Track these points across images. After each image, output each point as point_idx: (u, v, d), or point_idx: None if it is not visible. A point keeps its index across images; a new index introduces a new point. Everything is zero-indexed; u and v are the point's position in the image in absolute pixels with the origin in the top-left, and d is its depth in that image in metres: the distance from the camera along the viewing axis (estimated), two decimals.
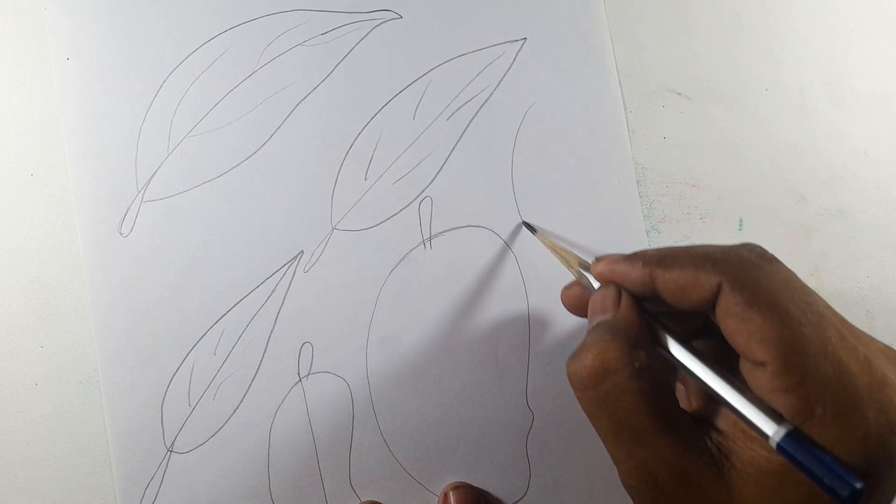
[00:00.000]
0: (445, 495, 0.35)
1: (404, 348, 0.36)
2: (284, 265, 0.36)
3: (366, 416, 0.36)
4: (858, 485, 0.22)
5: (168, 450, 0.35)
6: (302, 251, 0.36)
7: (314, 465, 0.35)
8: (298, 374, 0.36)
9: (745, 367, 0.25)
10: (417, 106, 0.37)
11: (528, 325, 0.36)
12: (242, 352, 0.35)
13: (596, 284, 0.30)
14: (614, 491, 0.36)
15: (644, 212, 0.38)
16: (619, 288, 0.28)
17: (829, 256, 0.38)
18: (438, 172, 0.37)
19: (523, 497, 0.36)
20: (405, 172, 0.37)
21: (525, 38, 0.38)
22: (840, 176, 0.39)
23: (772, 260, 0.25)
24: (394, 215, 0.37)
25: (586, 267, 0.31)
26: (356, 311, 0.36)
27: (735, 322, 0.24)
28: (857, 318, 0.38)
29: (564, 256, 0.33)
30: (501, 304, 0.36)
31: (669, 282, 0.26)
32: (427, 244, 0.37)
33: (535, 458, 0.36)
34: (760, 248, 0.26)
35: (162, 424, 0.35)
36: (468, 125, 0.37)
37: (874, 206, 0.39)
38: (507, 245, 0.37)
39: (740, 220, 0.38)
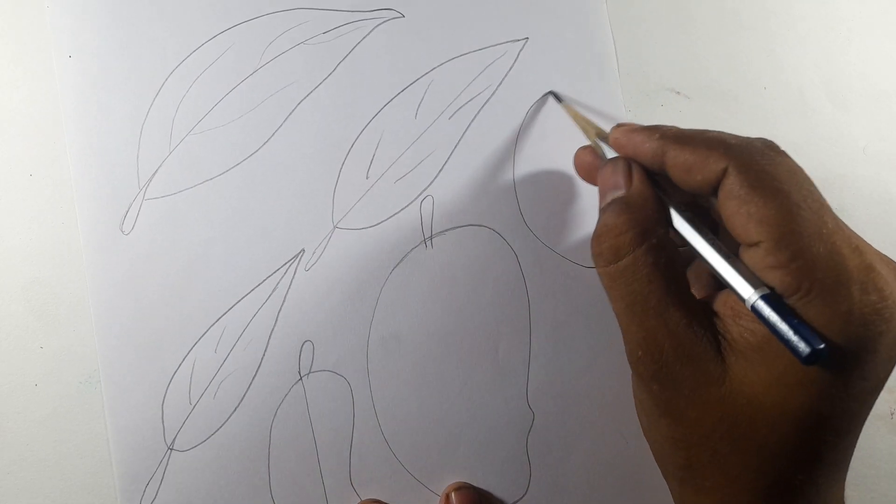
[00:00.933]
0: (447, 496, 0.35)
1: (405, 347, 0.36)
2: (285, 264, 0.36)
3: (366, 414, 0.36)
4: (820, 346, 0.23)
5: (168, 448, 0.35)
6: (303, 250, 0.36)
7: (315, 463, 0.35)
8: (299, 372, 0.36)
9: (741, 252, 0.26)
10: (419, 105, 0.37)
11: (529, 325, 0.36)
12: (243, 350, 0.35)
13: (609, 154, 0.30)
14: (615, 491, 0.36)
15: None
16: (630, 161, 0.29)
17: None
18: (440, 171, 0.37)
19: (523, 496, 0.36)
20: (406, 171, 0.37)
21: (527, 38, 0.38)
22: (840, 175, 0.39)
23: (781, 153, 0.26)
24: (395, 214, 0.37)
25: (604, 137, 0.31)
26: (357, 309, 0.36)
27: (735, 204, 0.25)
28: None
29: (583, 125, 0.34)
30: (502, 303, 0.36)
31: (679, 159, 0.27)
32: (428, 243, 0.37)
33: (536, 457, 0.36)
34: (773, 142, 0.26)
35: (162, 422, 0.35)
36: (470, 124, 0.37)
37: (874, 205, 0.39)
38: (509, 244, 0.37)
39: None
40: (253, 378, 0.35)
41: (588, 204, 0.37)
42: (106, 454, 0.35)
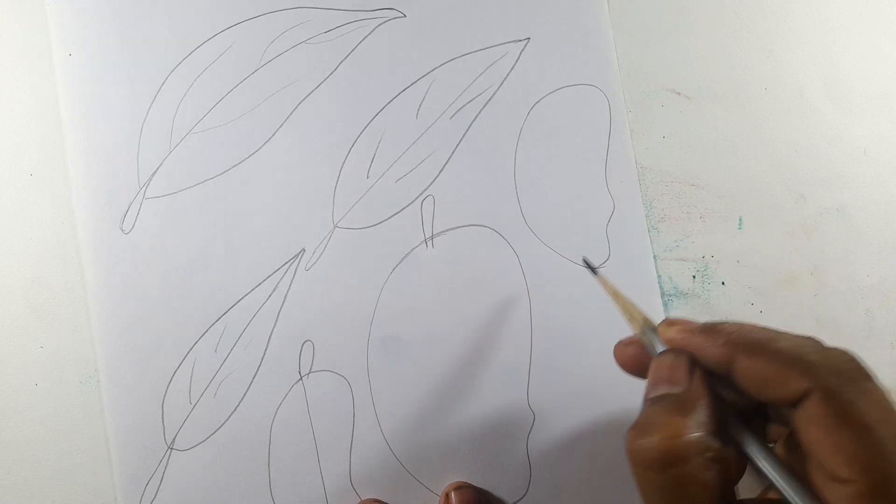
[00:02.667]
0: (447, 495, 0.35)
1: (405, 347, 0.36)
2: (286, 263, 0.36)
3: (366, 414, 0.36)
4: None
5: (169, 447, 0.35)
6: (303, 249, 0.36)
7: (315, 463, 0.35)
8: (299, 372, 0.35)
9: (817, 476, 0.23)
10: (420, 105, 0.37)
11: (530, 325, 0.36)
12: (243, 350, 0.35)
13: (661, 348, 0.27)
14: (614, 491, 0.36)
15: (644, 211, 0.38)
16: (692, 359, 0.26)
17: (828, 255, 0.38)
18: (441, 171, 0.37)
19: (524, 497, 0.36)
20: (407, 171, 0.37)
21: (528, 38, 0.38)
22: (839, 175, 0.39)
23: (867, 377, 0.24)
24: (396, 214, 0.36)
25: (652, 327, 0.28)
26: (357, 309, 0.36)
27: (821, 433, 0.23)
28: (856, 317, 0.38)
29: (629, 310, 0.30)
30: (503, 303, 0.36)
31: (752, 371, 0.24)
32: (429, 243, 0.37)
33: (536, 457, 0.36)
34: (856, 359, 0.24)
35: (163, 422, 0.35)
36: (471, 124, 0.37)
37: (873, 205, 0.39)
38: (510, 244, 0.37)
39: (740, 219, 0.38)
40: (253, 377, 0.35)
41: (589, 204, 0.37)
42: (106, 454, 0.35)
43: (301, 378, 0.35)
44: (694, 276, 0.37)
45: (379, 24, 0.37)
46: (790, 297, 0.38)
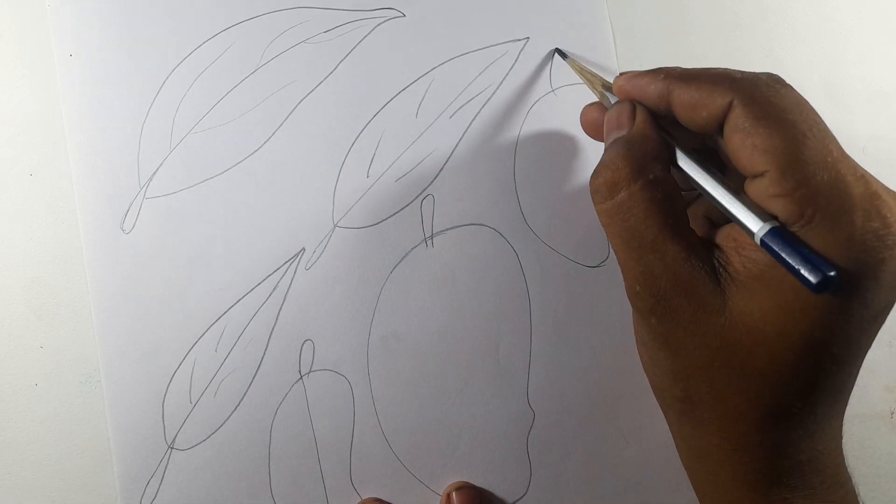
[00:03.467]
0: (448, 496, 0.35)
1: (405, 346, 0.36)
2: (286, 263, 0.36)
3: (367, 413, 0.36)
4: (831, 273, 0.22)
5: (169, 447, 0.35)
6: (303, 248, 0.36)
7: (315, 462, 0.35)
8: (300, 371, 0.36)
9: (746, 185, 0.26)
10: (420, 104, 0.37)
11: (530, 324, 0.36)
12: (243, 349, 0.35)
13: (613, 97, 0.31)
14: (615, 490, 0.36)
15: None
16: (634, 104, 0.29)
17: None
18: (440, 171, 0.37)
19: (524, 496, 0.36)
20: (407, 170, 0.37)
21: (528, 38, 0.38)
22: None
23: (787, 85, 0.26)
24: (395, 213, 0.37)
25: (609, 87, 0.31)
26: (357, 308, 0.36)
27: (741, 137, 0.25)
28: None
29: (590, 78, 0.34)
30: (503, 302, 0.36)
31: (685, 97, 0.27)
32: (429, 242, 0.37)
33: (536, 456, 0.36)
34: (779, 76, 0.26)
35: (163, 421, 0.35)
36: (471, 124, 0.37)
37: None
38: (510, 244, 0.37)
39: None
40: (253, 377, 0.35)
41: (589, 203, 0.37)
42: (106, 454, 0.35)
43: (301, 377, 0.35)
44: None
45: (378, 24, 0.37)
46: None
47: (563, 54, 0.37)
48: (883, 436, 0.38)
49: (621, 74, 0.30)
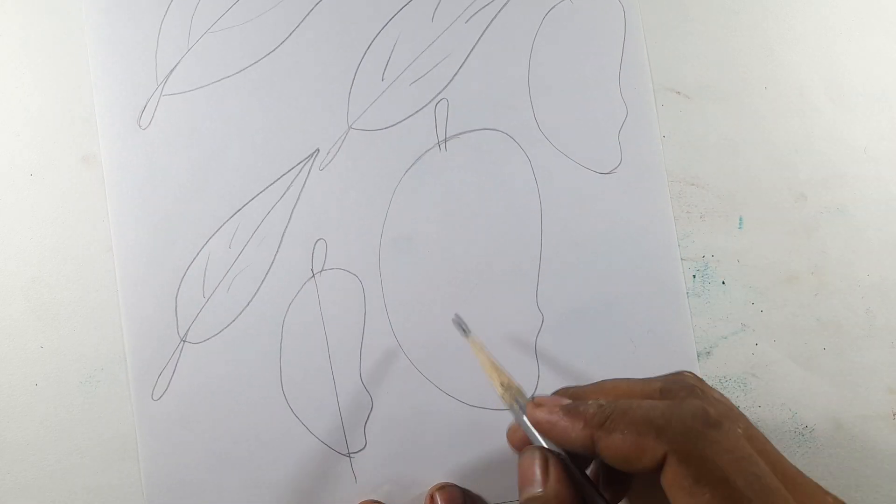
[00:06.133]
0: (432, 496, 0.35)
1: (417, 247, 0.36)
2: (300, 162, 0.36)
3: (378, 312, 0.36)
4: None
5: (182, 339, 0.35)
6: (318, 149, 0.36)
7: (325, 359, 0.36)
8: (312, 269, 0.36)
9: None
10: (436, 8, 0.37)
11: (541, 228, 0.37)
12: (257, 246, 0.36)
13: (532, 430, 0.28)
14: None
15: None
16: (546, 454, 0.27)
17: (828, 255, 0.38)
18: (455, 75, 0.37)
19: (531, 397, 0.36)
20: (422, 74, 0.37)
21: None
22: (840, 174, 0.39)
23: (716, 424, 0.25)
24: (410, 116, 0.37)
25: (522, 403, 0.28)
26: (370, 209, 0.36)
27: (683, 496, 0.24)
28: (857, 316, 0.38)
29: (490, 371, 0.30)
30: (514, 206, 0.37)
31: (612, 448, 0.25)
32: (442, 146, 0.37)
33: (544, 358, 0.36)
34: (704, 409, 0.25)
35: (176, 315, 0.35)
36: (486, 29, 0.37)
37: (874, 204, 0.39)
38: (522, 148, 0.37)
39: (740, 219, 0.38)
40: (266, 274, 0.36)
41: (602, 110, 0.37)
42: (106, 454, 0.35)
43: (313, 275, 0.36)
44: (694, 276, 0.38)
45: None
46: (790, 296, 0.38)
47: (463, 329, 0.32)
48: (885, 437, 0.38)
49: (537, 406, 0.28)
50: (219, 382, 0.35)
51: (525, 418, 0.28)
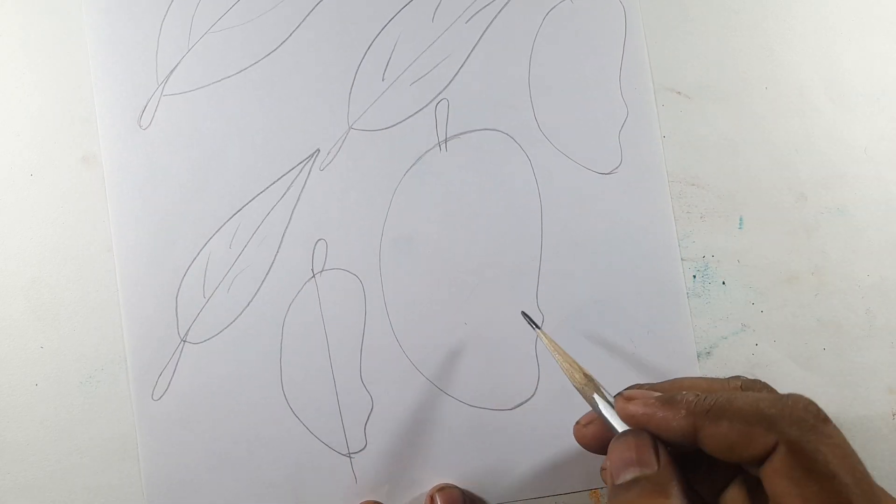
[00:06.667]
0: (431, 497, 0.35)
1: (417, 248, 0.36)
2: (301, 163, 0.36)
3: (378, 313, 0.36)
4: None
5: (182, 340, 0.35)
6: (318, 149, 0.36)
7: (326, 359, 0.36)
8: (312, 270, 0.36)
9: None
10: (436, 8, 0.37)
11: (541, 228, 0.37)
12: (257, 246, 0.36)
13: (617, 423, 0.28)
14: None
15: None
16: (654, 439, 0.26)
17: (829, 255, 0.38)
18: (455, 75, 0.37)
19: (532, 397, 0.36)
20: (422, 74, 0.37)
21: None
22: (840, 174, 0.39)
23: (825, 420, 0.25)
24: (410, 116, 0.37)
25: (609, 401, 0.28)
26: (370, 210, 0.36)
27: (788, 485, 0.24)
28: (857, 316, 0.38)
29: (566, 366, 0.30)
30: (514, 206, 0.37)
31: (717, 437, 0.25)
32: (442, 146, 0.37)
33: (544, 359, 0.36)
34: (813, 404, 0.25)
35: (176, 315, 0.35)
36: (486, 29, 0.37)
37: (874, 205, 0.39)
38: (522, 149, 0.37)
39: (740, 219, 0.38)
40: (266, 274, 0.36)
41: (602, 110, 0.38)
42: (106, 454, 0.35)
43: (314, 276, 0.36)
44: (694, 276, 0.38)
45: None
46: (790, 296, 0.38)
47: (534, 323, 0.33)
48: (885, 437, 0.38)
49: (628, 398, 0.28)
50: (219, 382, 0.35)
51: (602, 408, 0.28)
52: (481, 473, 0.35)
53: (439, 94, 0.37)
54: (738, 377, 0.29)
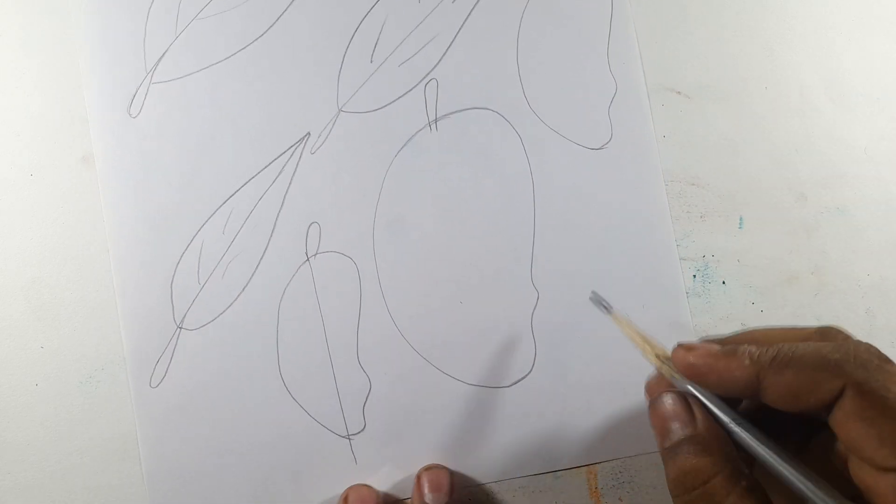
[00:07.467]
0: (419, 478, 0.35)
1: (410, 228, 0.36)
2: (291, 146, 0.36)
3: (373, 294, 0.36)
4: None
5: (178, 326, 0.35)
6: (309, 133, 0.36)
7: (322, 342, 0.36)
8: (306, 253, 0.36)
9: (862, 470, 0.24)
10: None
11: (533, 206, 0.37)
12: (251, 231, 0.36)
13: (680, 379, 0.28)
14: (617, 367, 0.36)
15: None
16: (686, 398, 0.27)
17: (829, 255, 0.38)
18: (444, 55, 0.37)
19: (529, 373, 0.36)
20: (411, 55, 0.37)
21: None
22: (840, 174, 0.39)
23: (889, 360, 0.24)
24: (400, 97, 0.37)
25: (664, 357, 0.28)
26: (363, 191, 0.36)
27: (862, 426, 0.23)
28: (857, 316, 0.38)
29: (645, 347, 0.29)
30: (506, 185, 0.37)
31: (782, 386, 0.25)
32: (433, 126, 0.37)
33: (540, 336, 0.36)
34: (874, 347, 0.25)
35: (172, 302, 0.35)
36: (473, 7, 0.37)
37: (874, 204, 0.39)
38: (513, 127, 0.37)
39: (740, 219, 0.38)
40: (261, 258, 0.36)
41: (591, 86, 0.38)
42: (106, 454, 0.35)
43: (308, 259, 0.36)
44: (694, 276, 0.38)
45: None
46: (790, 296, 0.38)
47: (605, 306, 0.32)
48: None
49: (688, 349, 0.27)
50: (216, 368, 0.35)
51: (670, 368, 0.28)
52: (480, 451, 0.35)
53: (428, 74, 0.37)
54: (812, 327, 0.28)
